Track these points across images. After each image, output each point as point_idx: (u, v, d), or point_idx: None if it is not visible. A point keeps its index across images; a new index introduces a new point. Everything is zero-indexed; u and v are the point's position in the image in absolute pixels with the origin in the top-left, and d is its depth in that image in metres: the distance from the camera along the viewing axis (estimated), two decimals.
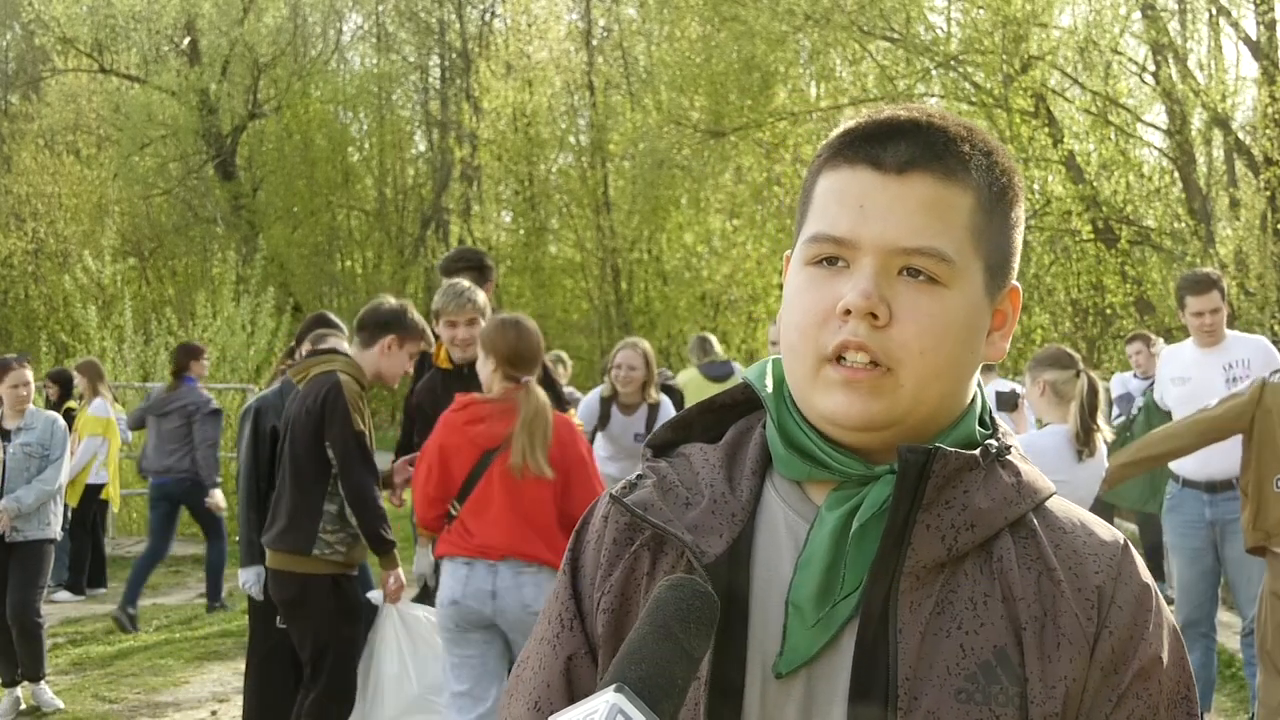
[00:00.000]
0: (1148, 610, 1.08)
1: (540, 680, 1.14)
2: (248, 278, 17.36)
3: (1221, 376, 5.39)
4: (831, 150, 1.11)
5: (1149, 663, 1.06)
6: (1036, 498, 1.10)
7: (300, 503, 4.52)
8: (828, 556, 1.06)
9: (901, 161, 1.06)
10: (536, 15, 25.63)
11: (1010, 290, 1.15)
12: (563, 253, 24.93)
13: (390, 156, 29.01)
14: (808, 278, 1.09)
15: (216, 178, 26.11)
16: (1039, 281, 15.16)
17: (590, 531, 1.19)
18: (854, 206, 1.07)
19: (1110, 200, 14.55)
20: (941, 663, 1.03)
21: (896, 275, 1.06)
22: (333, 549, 4.52)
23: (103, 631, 8.46)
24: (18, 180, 25.72)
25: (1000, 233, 1.11)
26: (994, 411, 1.19)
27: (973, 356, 1.10)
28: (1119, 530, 1.14)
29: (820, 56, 17.93)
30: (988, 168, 1.10)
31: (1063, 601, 1.05)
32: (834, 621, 1.05)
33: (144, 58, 25.52)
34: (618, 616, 1.12)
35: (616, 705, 0.84)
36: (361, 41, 30.66)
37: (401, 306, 4.81)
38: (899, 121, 1.09)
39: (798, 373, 1.09)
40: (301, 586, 4.54)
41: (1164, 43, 14.73)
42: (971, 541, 1.06)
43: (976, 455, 1.08)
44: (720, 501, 1.12)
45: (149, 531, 9.21)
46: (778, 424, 1.13)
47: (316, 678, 4.58)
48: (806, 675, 1.06)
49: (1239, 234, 13.99)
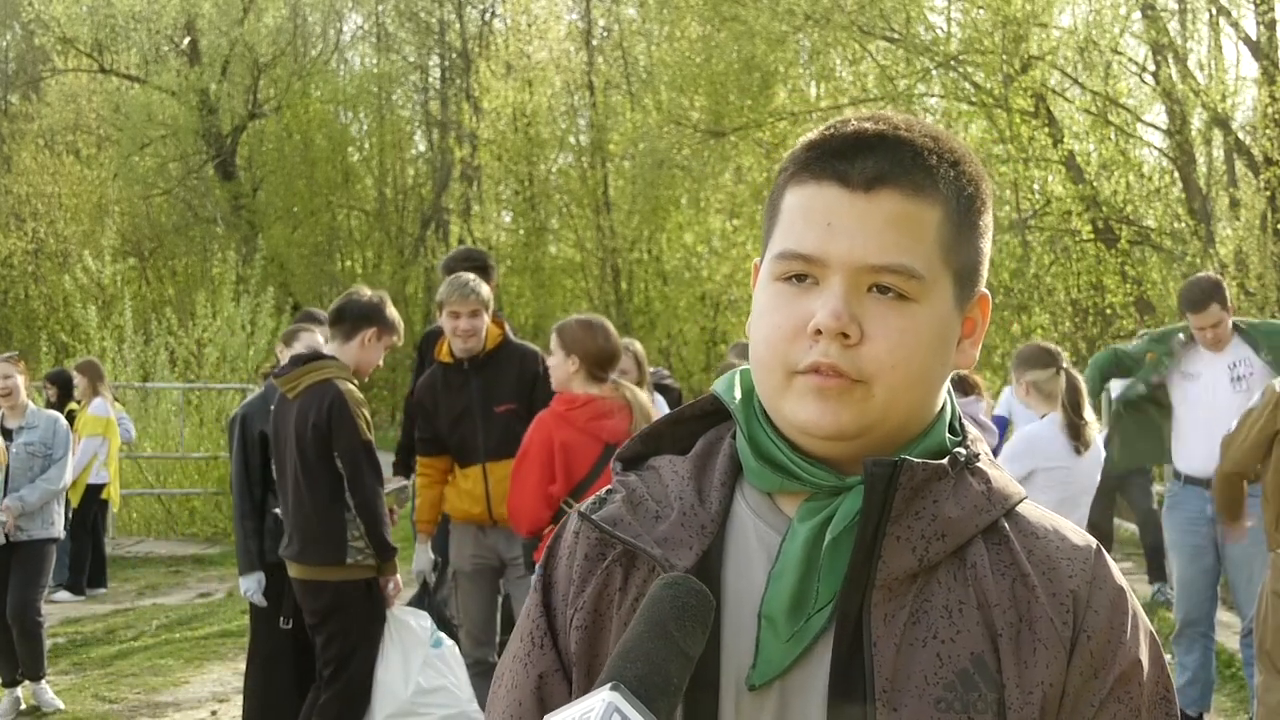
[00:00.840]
0: (1124, 613, 1.08)
1: (513, 699, 1.14)
2: (248, 278, 17.35)
3: (1226, 375, 5.43)
4: (798, 164, 1.10)
5: (1129, 666, 1.06)
6: (1008, 504, 1.10)
7: (322, 516, 4.51)
8: (801, 568, 1.06)
9: (869, 178, 1.06)
10: (536, 15, 25.62)
11: (980, 298, 1.14)
12: (563, 253, 24.92)
13: (390, 156, 29.01)
14: (776, 294, 1.09)
15: (216, 178, 26.10)
16: (1039, 281, 15.15)
17: (562, 548, 1.18)
18: (821, 224, 1.06)
19: (1110, 200, 14.55)
20: (919, 672, 1.03)
21: (866, 292, 1.06)
22: (364, 554, 4.53)
23: (103, 631, 8.46)
24: (18, 180, 25.71)
25: (969, 243, 1.11)
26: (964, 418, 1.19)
27: (943, 367, 1.11)
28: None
29: (820, 56, 17.92)
30: (955, 178, 1.09)
31: (1038, 607, 1.05)
32: (808, 635, 1.05)
33: (144, 58, 25.51)
34: (591, 634, 1.11)
35: (613, 704, 0.85)
36: (361, 41, 30.68)
37: (380, 298, 4.79)
38: (865, 135, 1.08)
39: (768, 385, 1.09)
40: (336, 593, 4.55)
41: (1164, 43, 14.73)
42: (943, 551, 1.06)
43: (944, 465, 1.08)
44: (690, 514, 1.11)
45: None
46: (748, 435, 1.13)
47: (337, 677, 4.58)
48: (780, 687, 1.06)
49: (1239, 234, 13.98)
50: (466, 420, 4.96)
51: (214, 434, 13.16)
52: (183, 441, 13.10)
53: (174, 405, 13.56)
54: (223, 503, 12.64)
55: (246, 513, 5.12)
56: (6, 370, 6.46)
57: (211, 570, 11.12)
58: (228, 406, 13.25)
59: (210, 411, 13.70)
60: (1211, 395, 5.43)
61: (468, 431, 4.95)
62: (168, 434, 13.42)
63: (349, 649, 4.57)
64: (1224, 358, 5.47)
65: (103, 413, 9.35)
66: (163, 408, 13.76)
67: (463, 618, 5.09)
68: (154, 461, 13.54)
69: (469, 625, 5.05)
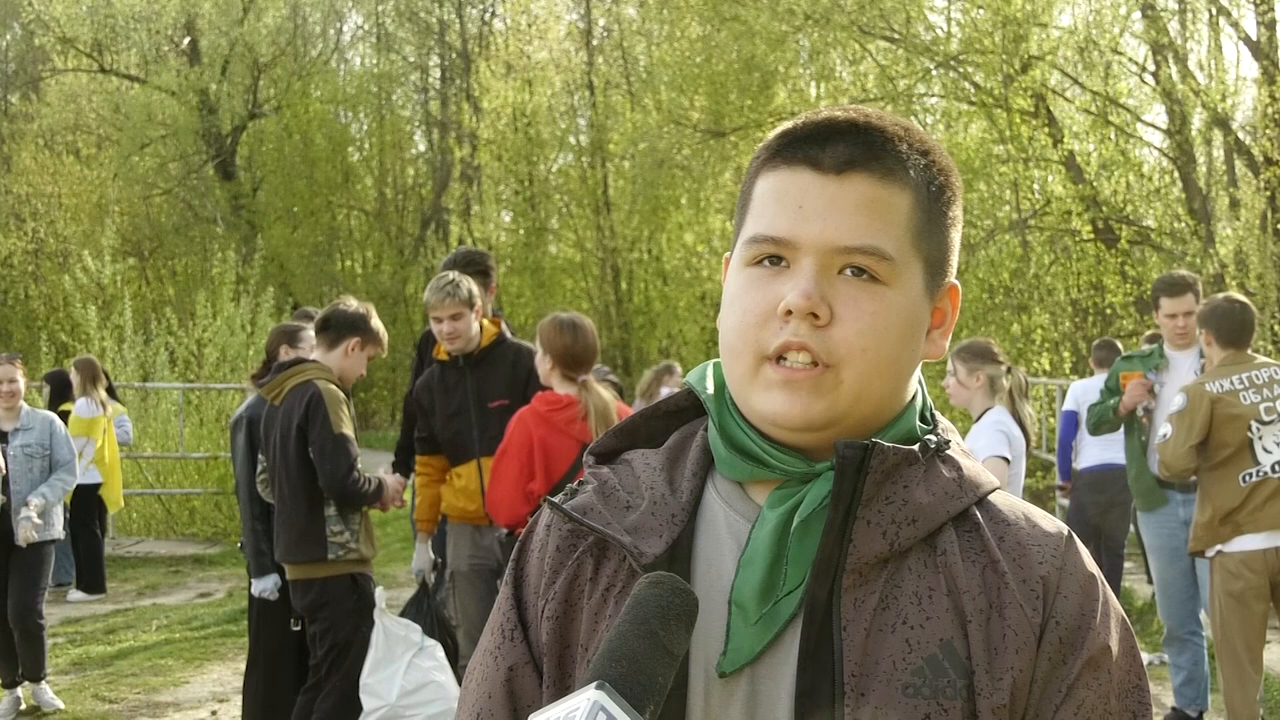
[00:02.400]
0: (1094, 600, 1.08)
1: (483, 692, 1.14)
2: (248, 278, 17.36)
3: (1194, 376, 5.42)
4: (770, 152, 1.11)
5: (1098, 652, 1.06)
6: (978, 491, 1.10)
7: (303, 515, 4.63)
8: (770, 554, 1.06)
9: (840, 162, 1.07)
10: (536, 15, 25.64)
11: (949, 288, 1.15)
12: (563, 253, 24.93)
13: (390, 156, 29.02)
14: (748, 279, 1.09)
15: (216, 178, 26.11)
16: (1039, 281, 15.15)
17: (534, 541, 1.19)
18: (793, 207, 1.07)
19: (1110, 200, 14.55)
20: (887, 658, 1.03)
21: (837, 274, 1.06)
22: (345, 548, 4.62)
23: (103, 631, 8.46)
24: (18, 180, 25.71)
25: (939, 231, 1.11)
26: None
27: (913, 354, 1.11)
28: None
29: (820, 56, 17.92)
30: (925, 167, 1.10)
31: (1008, 593, 1.05)
32: (776, 619, 1.05)
33: (144, 58, 25.50)
34: (562, 624, 1.11)
35: (598, 703, 0.85)
36: (361, 41, 30.69)
37: (366, 309, 4.89)
38: (836, 122, 1.09)
39: (737, 373, 1.10)
40: (322, 588, 4.65)
41: (1164, 43, 14.73)
42: (913, 536, 1.06)
43: (915, 450, 1.08)
44: (660, 503, 1.12)
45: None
46: (719, 425, 1.13)
47: (330, 677, 4.67)
48: (750, 674, 1.06)
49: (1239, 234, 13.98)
50: (461, 417, 4.98)
51: (214, 434, 13.16)
52: (183, 441, 13.10)
53: (174, 405, 13.55)
54: (223, 503, 12.64)
55: (256, 515, 5.19)
56: (10, 373, 6.47)
57: (211, 570, 11.12)
58: (228, 406, 13.25)
59: (210, 411, 13.70)
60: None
61: (462, 428, 4.97)
62: (168, 434, 13.42)
63: (340, 645, 4.65)
64: (1190, 358, 5.49)
65: (85, 413, 9.31)
66: (163, 408, 13.76)
67: (461, 618, 5.09)
68: (154, 461, 13.54)
69: (467, 626, 5.05)
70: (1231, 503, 4.72)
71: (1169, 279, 5.67)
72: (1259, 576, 4.68)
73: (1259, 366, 4.82)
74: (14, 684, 6.51)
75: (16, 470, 6.33)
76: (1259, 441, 4.71)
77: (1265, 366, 4.81)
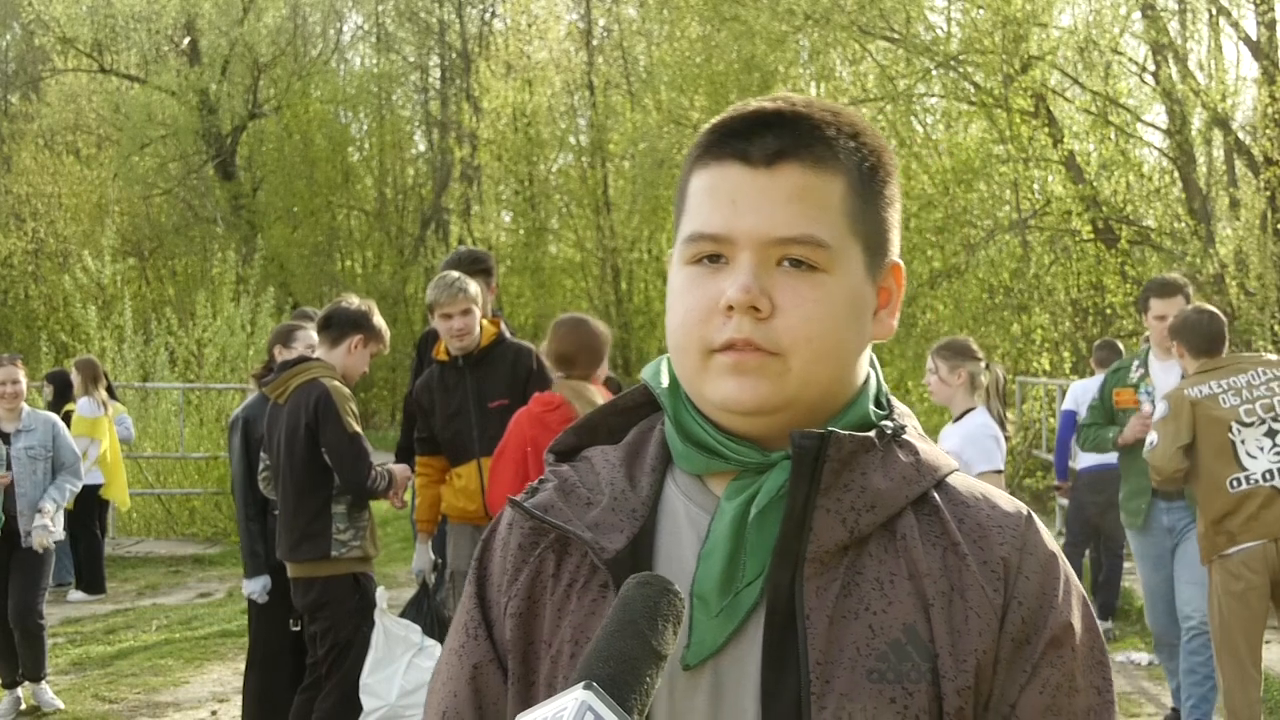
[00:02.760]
0: (1055, 579, 1.08)
1: (448, 691, 1.15)
2: (248, 278, 17.36)
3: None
4: (700, 149, 1.12)
5: (1061, 631, 1.06)
6: (937, 475, 1.11)
7: (308, 513, 4.62)
8: (729, 545, 1.07)
9: (769, 154, 1.07)
10: (536, 15, 25.63)
11: (892, 266, 1.15)
12: (563, 253, 24.93)
13: (390, 156, 29.01)
14: (688, 277, 1.10)
15: (216, 178, 26.10)
16: (1039, 281, 15.15)
17: (496, 539, 1.19)
18: (726, 202, 1.08)
19: (1110, 200, 14.55)
20: (851, 644, 1.03)
21: (776, 266, 1.07)
22: (348, 546, 4.63)
23: (103, 631, 8.47)
24: (18, 180, 25.70)
25: (875, 212, 1.12)
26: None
27: (859, 338, 1.11)
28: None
29: (820, 56, 17.92)
30: (856, 149, 1.11)
31: (969, 575, 1.05)
32: (738, 610, 1.06)
33: (144, 58, 25.50)
34: (525, 620, 1.12)
35: (586, 703, 0.85)
36: (361, 41, 30.68)
37: (368, 307, 4.90)
38: (764, 114, 1.10)
39: (687, 369, 1.10)
40: (324, 587, 4.65)
41: (1164, 43, 14.73)
42: (873, 522, 1.06)
43: (872, 437, 1.08)
44: (620, 499, 1.12)
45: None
46: (674, 419, 1.14)
47: (330, 677, 4.67)
48: (714, 666, 1.06)
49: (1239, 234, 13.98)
50: (461, 417, 4.98)
51: (214, 434, 13.15)
52: (183, 441, 13.10)
53: (174, 405, 13.55)
54: (223, 503, 12.64)
55: (251, 515, 5.21)
56: (13, 374, 6.46)
57: (211, 570, 11.12)
58: (228, 406, 13.25)
59: (210, 411, 13.70)
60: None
61: (462, 428, 4.97)
62: (168, 434, 13.42)
63: (342, 645, 4.65)
64: (1174, 368, 5.35)
65: (89, 413, 9.30)
66: (163, 408, 13.76)
67: None
68: (154, 461, 13.54)
69: None
70: (1222, 509, 4.70)
71: (1160, 280, 5.59)
72: (1259, 576, 4.68)
73: (1237, 371, 4.81)
74: (14, 684, 6.52)
75: (20, 472, 6.34)
76: (1241, 445, 4.70)
77: (1243, 371, 4.80)
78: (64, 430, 6.67)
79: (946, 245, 15.32)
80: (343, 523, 4.62)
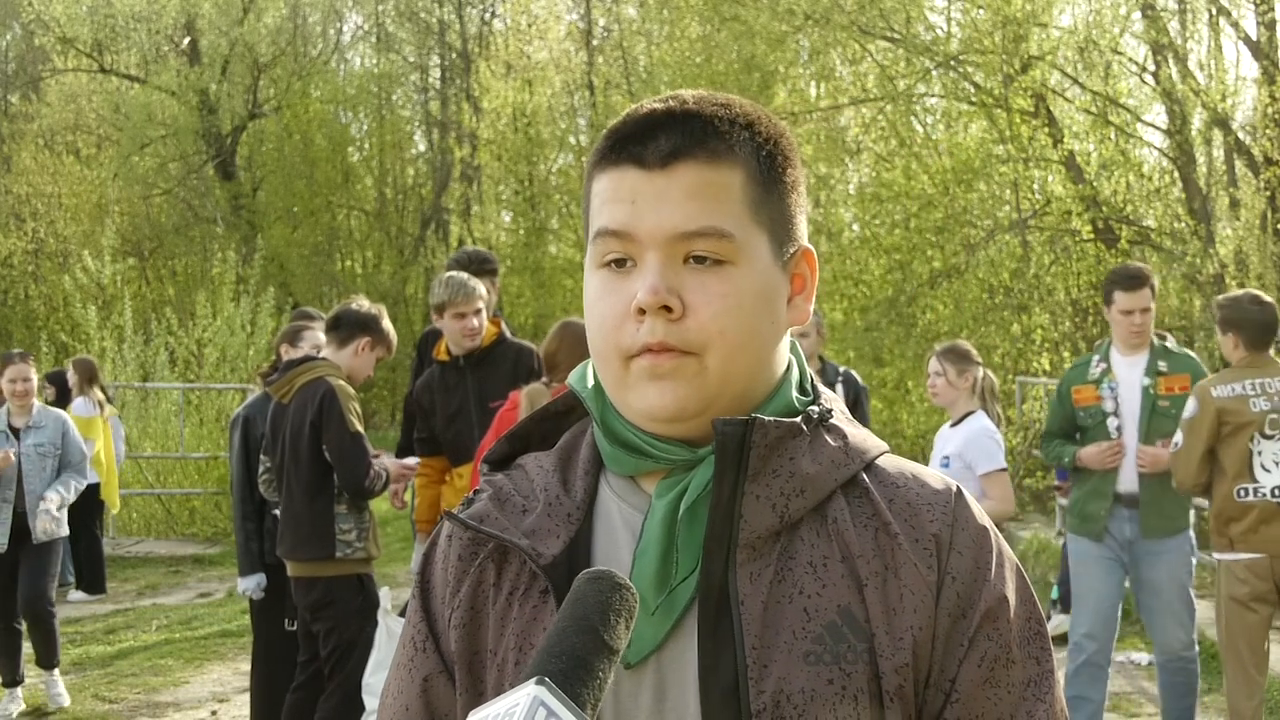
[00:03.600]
0: (988, 552, 1.09)
1: (400, 705, 1.15)
2: (248, 278, 17.34)
3: (1138, 384, 5.02)
4: (598, 155, 1.13)
5: (995, 603, 1.07)
6: (865, 457, 1.12)
7: (313, 512, 4.63)
8: (661, 543, 1.07)
9: (663, 155, 1.08)
10: (536, 15, 25.62)
11: (803, 252, 1.15)
12: (563, 253, 24.91)
13: (390, 156, 28.98)
14: (600, 283, 1.11)
15: (216, 178, 26.08)
16: (1039, 281, 15.14)
17: (437, 552, 1.19)
18: (626, 202, 1.08)
19: (1110, 200, 14.54)
20: (787, 628, 1.03)
21: (683, 265, 1.07)
22: (352, 546, 4.64)
23: (103, 631, 8.46)
24: (18, 180, 25.67)
25: (778, 199, 1.12)
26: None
27: (774, 326, 1.12)
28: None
29: (820, 56, 17.91)
30: (751, 139, 1.11)
31: (901, 554, 1.06)
32: (675, 606, 1.06)
33: (144, 58, 25.48)
34: (469, 630, 1.12)
35: (538, 698, 0.84)
36: (361, 41, 30.66)
37: (378, 310, 4.93)
38: (656, 116, 1.10)
39: (609, 377, 1.11)
40: (328, 587, 4.66)
41: (1164, 43, 14.72)
42: (804, 507, 1.07)
43: (798, 422, 1.09)
44: (555, 504, 1.13)
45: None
46: (601, 422, 1.14)
47: (333, 677, 4.68)
48: (656, 662, 1.07)
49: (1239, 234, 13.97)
50: (462, 418, 4.99)
51: (214, 434, 13.16)
52: (183, 441, 13.10)
53: (174, 405, 13.56)
54: (223, 503, 12.63)
55: (248, 514, 5.22)
56: (24, 371, 6.50)
57: (211, 570, 11.12)
58: (228, 406, 13.25)
59: (210, 411, 13.70)
60: (1127, 404, 5.02)
61: (463, 428, 4.98)
62: (168, 434, 13.42)
63: (345, 645, 4.65)
64: (1139, 363, 5.00)
65: (84, 413, 9.31)
66: (163, 408, 13.75)
67: None
68: (154, 461, 13.54)
69: None
70: (1228, 512, 4.66)
71: (1125, 270, 5.12)
72: (1264, 582, 4.65)
73: (1275, 373, 4.61)
74: (14, 683, 6.53)
75: (29, 469, 6.39)
76: (1258, 457, 4.59)
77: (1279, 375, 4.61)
78: (73, 429, 6.72)
79: (946, 245, 15.31)
80: (346, 523, 4.63)
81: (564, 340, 4.36)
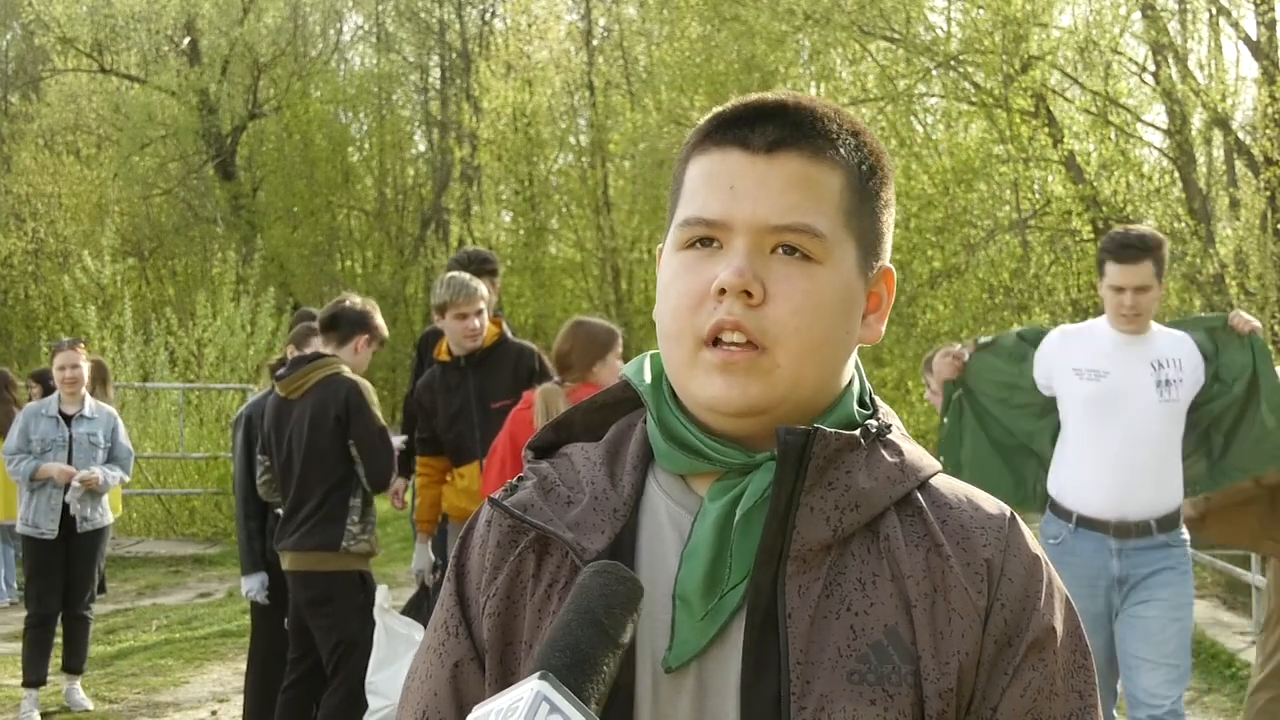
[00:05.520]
0: (1039, 581, 1.08)
1: (428, 690, 1.13)
2: (247, 278, 17.35)
3: (1151, 376, 3.97)
4: (700, 135, 1.12)
5: (1043, 634, 1.05)
6: (920, 475, 1.10)
7: (329, 502, 4.66)
8: (713, 548, 1.06)
9: (769, 141, 1.07)
10: (536, 15, 25.61)
11: (884, 272, 1.15)
12: (563, 253, 24.91)
13: (390, 156, 28.97)
14: (682, 262, 1.09)
15: (216, 178, 26.08)
16: (1039, 281, 15.14)
17: (475, 537, 1.18)
18: (724, 188, 1.07)
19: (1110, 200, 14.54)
20: (832, 645, 1.02)
21: (770, 253, 1.06)
22: (357, 540, 4.68)
23: (103, 631, 8.46)
24: (18, 180, 25.68)
25: (871, 212, 1.11)
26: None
27: (848, 336, 1.10)
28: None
29: (820, 56, 17.91)
30: (856, 147, 1.11)
31: (952, 576, 1.05)
32: (722, 613, 1.04)
33: (144, 58, 25.47)
34: (504, 620, 1.10)
35: (541, 692, 0.84)
36: (361, 41, 30.64)
37: (371, 306, 4.97)
38: (766, 104, 1.10)
39: (675, 359, 1.09)
40: (329, 583, 4.67)
41: (1164, 43, 14.73)
42: (857, 522, 1.05)
43: (857, 435, 1.07)
44: (601, 498, 1.11)
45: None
46: (657, 418, 1.12)
47: (336, 674, 4.70)
48: (697, 668, 1.05)
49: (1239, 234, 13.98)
50: (463, 418, 4.99)
51: (214, 434, 13.16)
52: (183, 441, 13.10)
53: (174, 405, 13.56)
54: (223, 503, 12.64)
55: (250, 513, 5.22)
56: (73, 358, 6.51)
57: (211, 570, 11.13)
58: (228, 406, 13.25)
59: (210, 411, 13.70)
60: (1128, 401, 3.96)
61: (464, 429, 4.98)
62: (168, 434, 13.43)
63: (347, 644, 4.65)
64: (1146, 352, 3.99)
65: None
66: (163, 408, 13.76)
67: None
68: (154, 461, 13.54)
69: None
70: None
71: (1120, 238, 3.98)
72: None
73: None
74: (37, 683, 6.50)
75: (81, 456, 6.48)
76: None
77: None
78: (122, 427, 6.79)
79: (946, 245, 15.31)
80: (357, 515, 4.69)
81: (576, 340, 4.38)
